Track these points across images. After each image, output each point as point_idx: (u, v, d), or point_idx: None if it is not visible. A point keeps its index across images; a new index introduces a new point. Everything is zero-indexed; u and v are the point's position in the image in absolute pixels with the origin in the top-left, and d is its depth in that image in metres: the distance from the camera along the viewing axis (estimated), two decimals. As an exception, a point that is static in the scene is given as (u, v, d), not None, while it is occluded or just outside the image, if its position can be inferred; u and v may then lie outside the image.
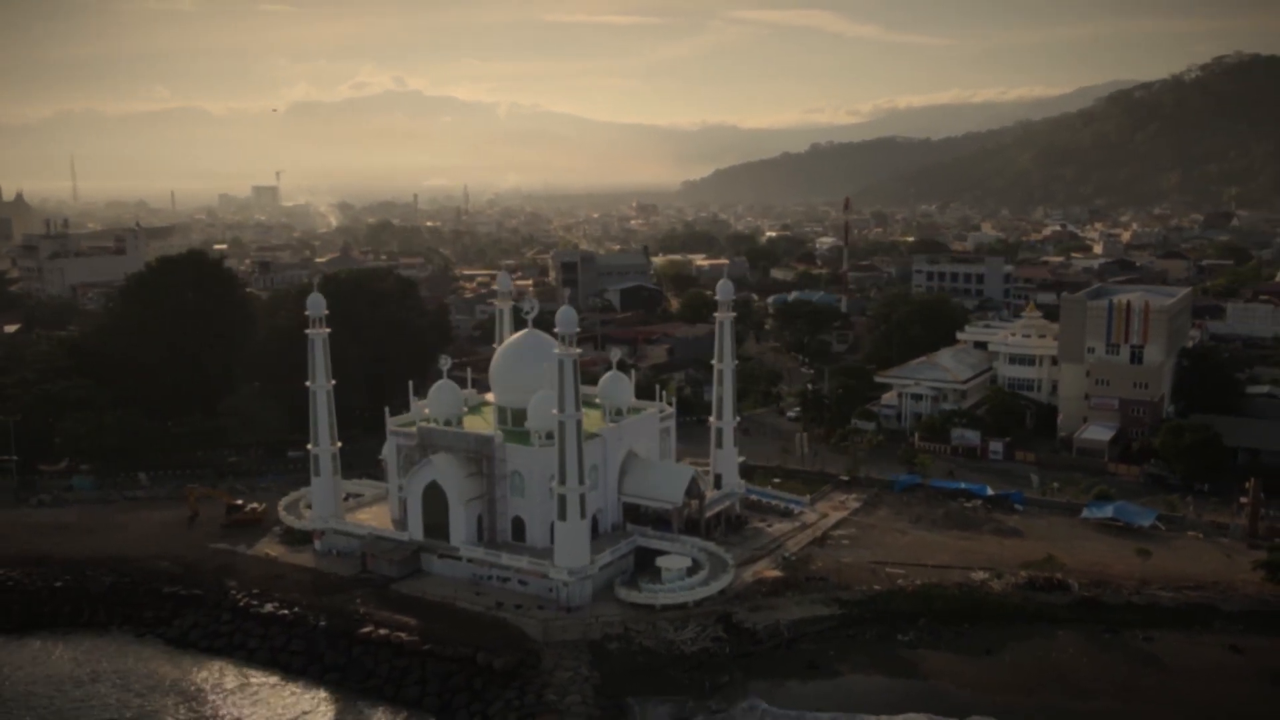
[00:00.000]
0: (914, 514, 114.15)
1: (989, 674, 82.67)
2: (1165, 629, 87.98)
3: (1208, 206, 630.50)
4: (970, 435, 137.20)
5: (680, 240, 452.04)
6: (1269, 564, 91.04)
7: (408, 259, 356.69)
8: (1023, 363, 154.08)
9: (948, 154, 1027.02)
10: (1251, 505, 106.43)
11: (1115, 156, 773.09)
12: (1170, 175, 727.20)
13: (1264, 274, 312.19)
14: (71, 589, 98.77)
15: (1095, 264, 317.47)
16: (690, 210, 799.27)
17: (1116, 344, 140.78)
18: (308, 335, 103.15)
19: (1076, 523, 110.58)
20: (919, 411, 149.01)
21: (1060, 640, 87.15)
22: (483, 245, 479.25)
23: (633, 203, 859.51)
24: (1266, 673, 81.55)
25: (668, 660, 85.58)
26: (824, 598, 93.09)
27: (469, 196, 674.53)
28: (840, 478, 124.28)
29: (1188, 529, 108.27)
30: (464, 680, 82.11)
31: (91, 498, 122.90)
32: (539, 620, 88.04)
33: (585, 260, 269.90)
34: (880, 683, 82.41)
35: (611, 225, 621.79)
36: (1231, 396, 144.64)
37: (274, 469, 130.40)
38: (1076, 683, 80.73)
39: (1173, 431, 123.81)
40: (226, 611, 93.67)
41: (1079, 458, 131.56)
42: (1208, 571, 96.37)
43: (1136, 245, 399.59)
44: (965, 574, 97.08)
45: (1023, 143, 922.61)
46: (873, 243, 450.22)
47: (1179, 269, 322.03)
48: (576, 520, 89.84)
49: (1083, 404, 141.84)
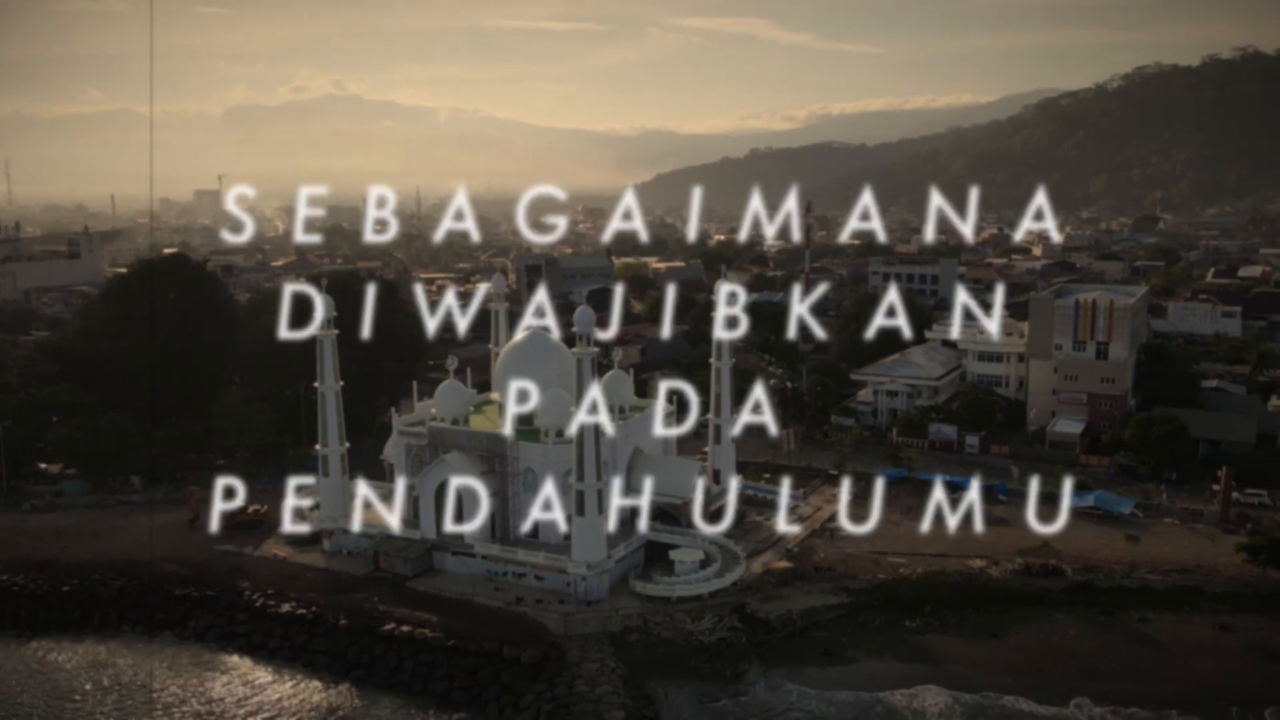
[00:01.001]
0: (904, 505, 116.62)
1: (997, 656, 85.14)
2: (1157, 610, 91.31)
3: (1132, 210, 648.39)
4: (947, 430, 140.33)
5: (633, 243, 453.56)
6: (1250, 547, 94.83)
7: (365, 263, 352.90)
8: (991, 359, 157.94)
9: (883, 159, 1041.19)
10: (1224, 492, 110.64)
11: (1045, 162, 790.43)
12: (1097, 180, 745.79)
13: (1195, 274, 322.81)
14: (80, 593, 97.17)
15: (1037, 265, 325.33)
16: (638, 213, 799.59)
17: (1083, 341, 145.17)
18: (316, 337, 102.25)
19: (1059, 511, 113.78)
20: (894, 408, 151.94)
21: (1060, 623, 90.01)
22: (436, 249, 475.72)
23: (579, 206, 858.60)
24: (1256, 649, 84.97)
25: (687, 650, 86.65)
26: (832, 587, 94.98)
27: (421, 201, 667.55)
28: (830, 472, 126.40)
29: (1164, 516, 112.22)
30: (491, 674, 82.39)
31: (84, 502, 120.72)
32: (560, 614, 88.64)
33: (549, 263, 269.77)
34: (894, 667, 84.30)
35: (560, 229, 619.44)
36: (1188, 390, 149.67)
37: (268, 471, 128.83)
38: (1081, 663, 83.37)
39: (1142, 424, 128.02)
40: (242, 612, 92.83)
41: (1052, 450, 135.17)
42: (1190, 556, 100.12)
43: (1071, 247, 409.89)
44: (962, 562, 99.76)
45: (956, 148, 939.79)
46: (821, 245, 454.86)
47: (1116, 270, 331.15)
48: (595, 515, 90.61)
49: (1051, 398, 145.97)
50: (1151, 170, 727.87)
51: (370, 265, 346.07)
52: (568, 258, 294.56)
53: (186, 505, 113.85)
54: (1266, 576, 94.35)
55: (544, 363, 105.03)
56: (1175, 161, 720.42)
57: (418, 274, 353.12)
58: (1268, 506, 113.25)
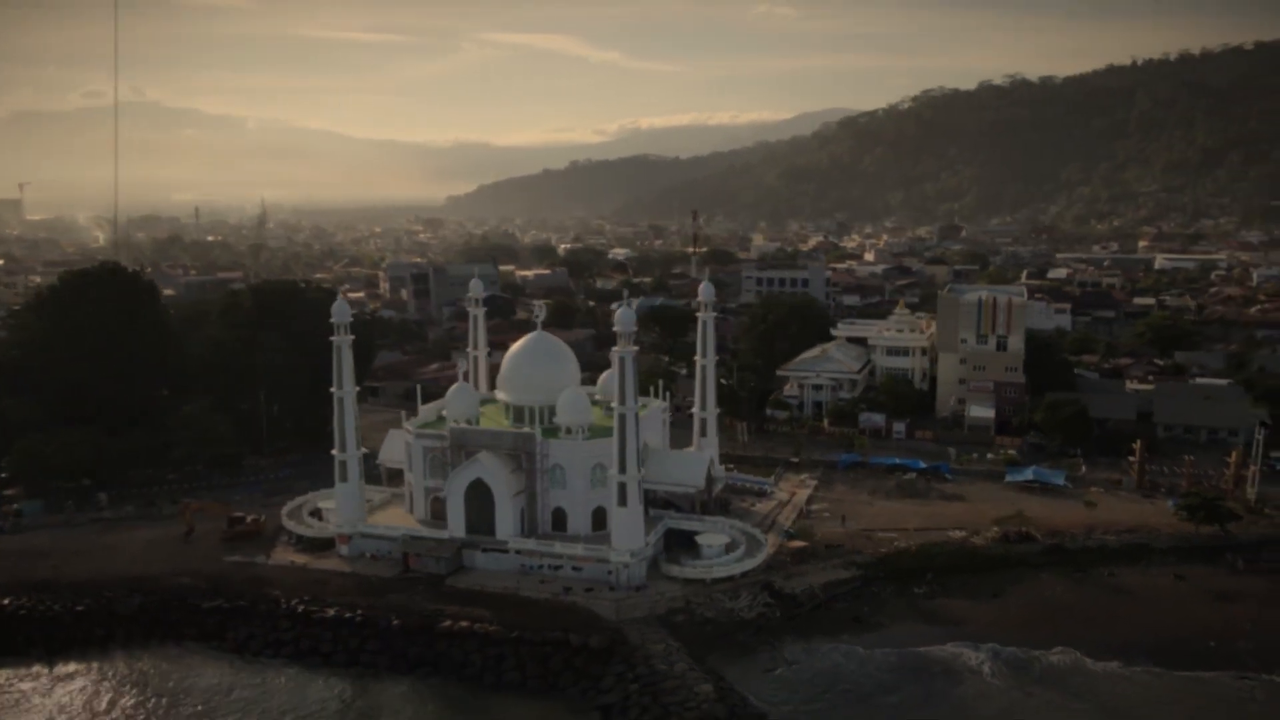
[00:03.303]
0: (868, 487, 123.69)
1: (1004, 614, 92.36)
2: (1119, 565, 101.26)
3: (928, 220, 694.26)
4: (876, 418, 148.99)
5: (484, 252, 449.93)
6: (1187, 507, 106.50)
7: (226, 273, 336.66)
8: (898, 354, 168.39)
9: (697, 171, 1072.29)
10: (1139, 463, 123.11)
11: (848, 176, 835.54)
12: (895, 193, 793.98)
13: (1009, 276, 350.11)
14: (97, 611, 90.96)
15: (879, 269, 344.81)
16: (470, 223, 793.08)
17: (985, 335, 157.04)
18: (332, 342, 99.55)
19: (1001, 486, 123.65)
20: (819, 400, 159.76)
21: (1045, 582, 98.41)
22: (283, 259, 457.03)
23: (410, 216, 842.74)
24: (1209, 594, 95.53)
25: (730, 627, 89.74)
26: (843, 562, 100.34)
27: (265, 209, 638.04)
28: (791, 460, 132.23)
29: (1089, 485, 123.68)
30: (562, 661, 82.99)
31: (50, 522, 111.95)
32: (611, 601, 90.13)
33: (437, 271, 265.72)
34: (919, 629, 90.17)
35: (401, 239, 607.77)
36: (1067, 376, 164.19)
37: (244, 481, 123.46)
38: (1077, 615, 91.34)
39: (1051, 407, 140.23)
40: (284, 619, 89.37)
41: (970, 433, 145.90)
42: (1131, 518, 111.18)
43: (895, 253, 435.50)
44: (944, 534, 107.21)
45: (768, 162, 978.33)
46: (663, 253, 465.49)
47: (943, 273, 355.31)
48: (635, 505, 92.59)
49: (958, 387, 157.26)
50: (942, 184, 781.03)
51: (232, 275, 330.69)
52: (455, 265, 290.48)
53: (180, 518, 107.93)
54: (1199, 532, 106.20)
55: (550, 363, 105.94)
56: (963, 176, 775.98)
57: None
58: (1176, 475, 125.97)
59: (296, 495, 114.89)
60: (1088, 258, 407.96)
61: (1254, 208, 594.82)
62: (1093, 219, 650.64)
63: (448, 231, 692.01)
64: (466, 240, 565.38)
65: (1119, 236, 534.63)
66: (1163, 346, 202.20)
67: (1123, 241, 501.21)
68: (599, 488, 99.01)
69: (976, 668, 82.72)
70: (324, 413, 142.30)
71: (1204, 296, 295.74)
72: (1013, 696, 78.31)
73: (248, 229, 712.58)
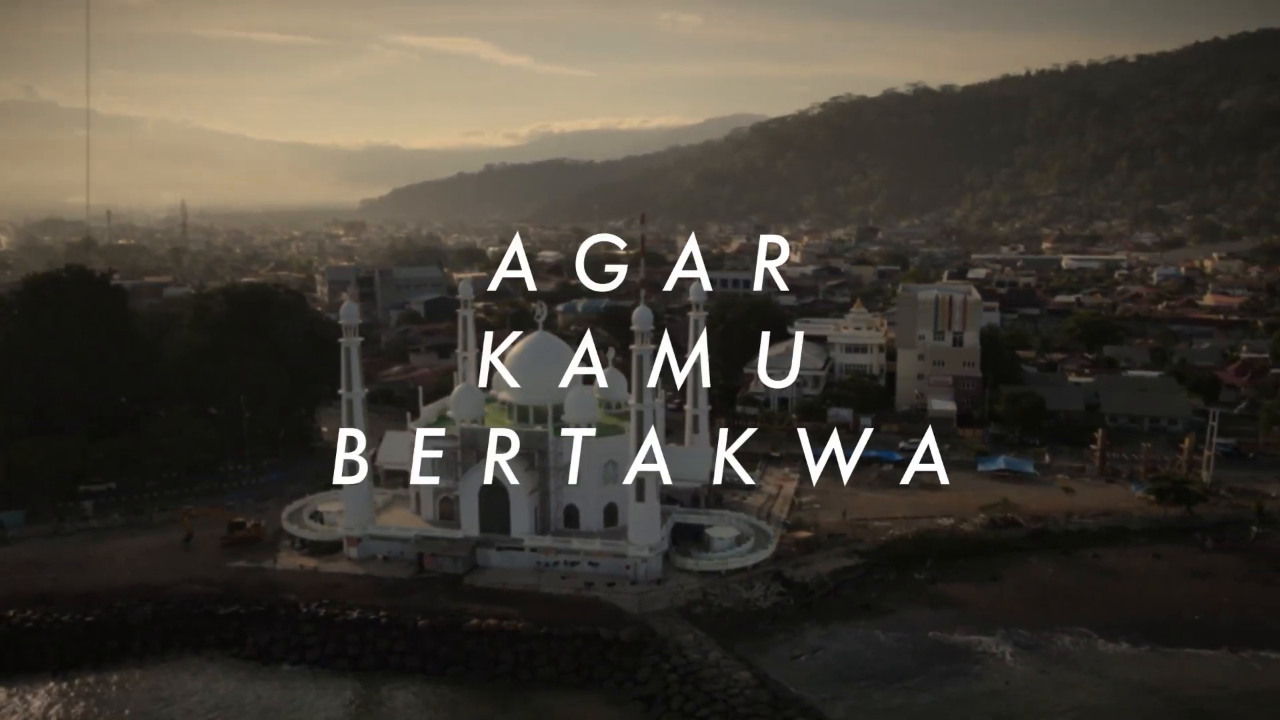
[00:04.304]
0: (851, 479, 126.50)
1: (1005, 596, 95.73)
2: (1100, 547, 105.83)
3: (839, 222, 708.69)
4: (844, 413, 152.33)
5: (413, 255, 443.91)
6: (1156, 490, 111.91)
7: (154, 277, 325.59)
8: (857, 351, 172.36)
9: (612, 175, 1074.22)
10: (1100, 451, 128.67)
11: (762, 179, 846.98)
12: (808, 196, 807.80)
13: (930, 276, 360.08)
14: (109, 621, 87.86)
15: (809, 270, 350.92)
16: (390, 226, 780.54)
17: (942, 332, 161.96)
18: (341, 344, 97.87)
19: (974, 475, 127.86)
20: (784, 397, 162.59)
21: (1035, 565, 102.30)
22: (206, 263, 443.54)
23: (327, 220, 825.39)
24: (1187, 571, 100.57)
25: (748, 616, 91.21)
26: (845, 551, 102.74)
27: (185, 212, 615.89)
28: (771, 454, 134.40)
29: (1055, 473, 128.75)
30: (595, 655, 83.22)
31: (35, 533, 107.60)
32: (633, 594, 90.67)
33: (383, 274, 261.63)
34: (928, 613, 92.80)
35: (324, 242, 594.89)
36: (1015, 371, 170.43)
37: (231, 486, 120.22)
38: (1071, 596, 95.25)
39: (1011, 399, 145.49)
40: (305, 623, 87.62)
41: (934, 425, 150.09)
42: (1103, 503, 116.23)
43: (819, 254, 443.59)
44: (933, 521, 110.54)
45: (683, 165, 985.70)
46: (592, 256, 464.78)
47: (869, 273, 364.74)
48: (654, 500, 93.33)
49: (917, 382, 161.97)
50: (853, 187, 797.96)
51: (161, 279, 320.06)
52: (401, 269, 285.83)
53: (181, 524, 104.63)
54: (1167, 513, 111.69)
55: (555, 363, 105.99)
56: (872, 180, 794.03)
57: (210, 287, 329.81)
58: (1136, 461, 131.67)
59: (287, 500, 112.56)
60: (1001, 258, 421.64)
61: (1142, 211, 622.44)
62: (995, 221, 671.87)
63: (370, 235, 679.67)
64: (391, 244, 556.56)
65: (1022, 238, 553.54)
66: (1090, 342, 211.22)
67: (1027, 243, 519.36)
68: (610, 484, 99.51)
69: (994, 652, 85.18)
70: (301, 416, 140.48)
71: (1113, 294, 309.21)
72: (1032, 678, 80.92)
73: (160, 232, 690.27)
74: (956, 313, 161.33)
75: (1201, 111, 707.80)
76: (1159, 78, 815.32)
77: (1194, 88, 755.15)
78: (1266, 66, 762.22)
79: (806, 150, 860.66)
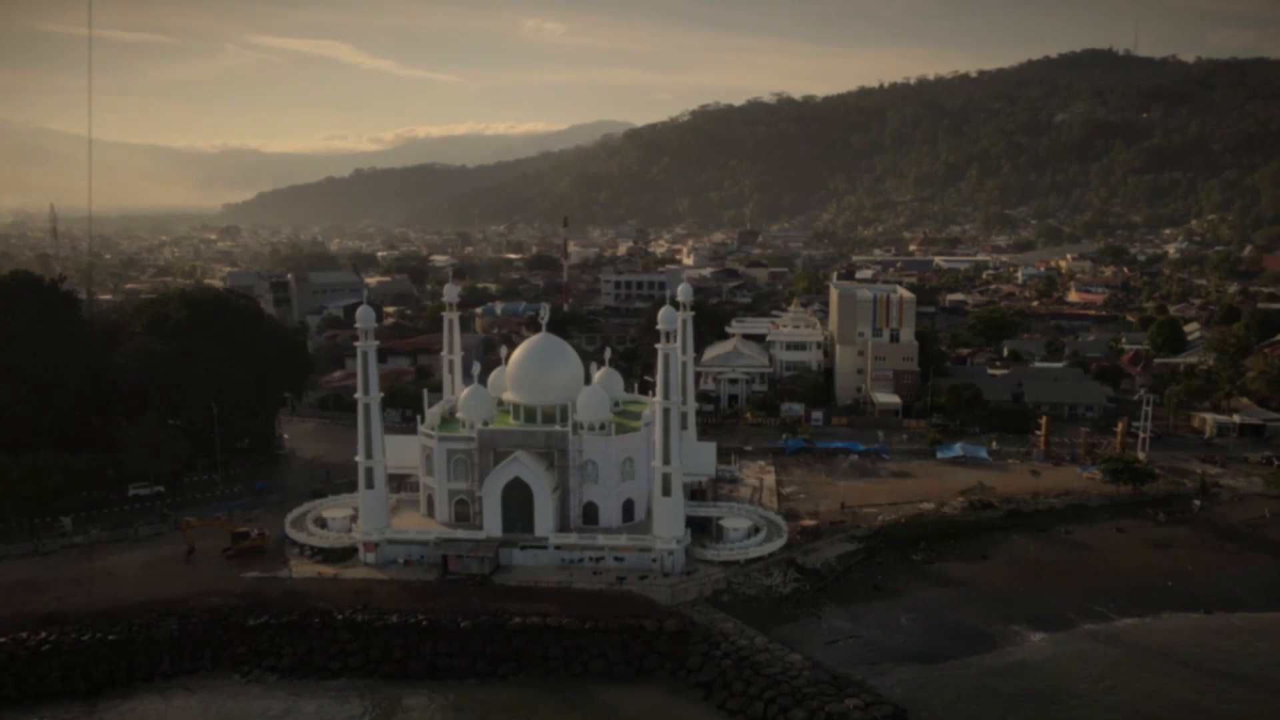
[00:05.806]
0: (822, 469, 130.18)
1: (999, 573, 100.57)
2: (1069, 523, 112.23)
3: (714, 226, 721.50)
4: (795, 408, 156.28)
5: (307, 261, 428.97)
6: (1110, 470, 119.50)
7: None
8: (797, 349, 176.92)
9: (484, 180, 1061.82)
10: (1045, 437, 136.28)
11: (638, 184, 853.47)
12: (683, 200, 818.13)
13: (820, 275, 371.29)
14: (132, 640, 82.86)
15: (707, 272, 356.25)
16: (265, 231, 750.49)
17: (880, 329, 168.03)
18: (357, 347, 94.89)
19: (935, 462, 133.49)
20: (733, 394, 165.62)
21: (1018, 542, 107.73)
22: (80, 269, 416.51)
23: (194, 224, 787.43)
24: (1149, 542, 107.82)
25: (771, 603, 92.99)
26: (846, 537, 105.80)
27: (56, 215, 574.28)
28: (744, 448, 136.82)
29: (1006, 458, 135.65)
30: (642, 647, 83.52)
31: (14, 552, 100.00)
32: (666, 586, 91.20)
33: (300, 279, 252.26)
34: (934, 592, 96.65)
35: (199, 247, 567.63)
36: (943, 365, 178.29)
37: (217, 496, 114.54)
38: (1057, 569, 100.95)
39: (953, 390, 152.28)
40: (343, 631, 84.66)
41: (880, 417, 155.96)
42: (1060, 483, 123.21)
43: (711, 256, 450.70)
44: (915, 506, 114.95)
45: (558, 170, 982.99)
46: (490, 259, 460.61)
47: (763, 275, 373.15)
48: (678, 494, 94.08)
49: (856, 377, 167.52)
50: (725, 192, 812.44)
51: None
52: (318, 274, 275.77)
53: (175, 537, 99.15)
54: (1119, 491, 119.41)
55: (559, 364, 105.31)
56: (743, 185, 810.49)
57: (98, 295, 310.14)
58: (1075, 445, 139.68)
59: (274, 508, 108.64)
60: (879, 259, 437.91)
61: (992, 215, 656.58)
62: (859, 225, 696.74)
63: (246, 239, 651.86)
64: (272, 249, 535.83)
65: (889, 241, 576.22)
66: (990, 337, 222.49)
67: (895, 245, 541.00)
68: (628, 480, 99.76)
69: (1009, 629, 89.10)
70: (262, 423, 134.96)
71: (988, 293, 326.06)
72: (1050, 649, 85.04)
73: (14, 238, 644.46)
74: (894, 311, 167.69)
75: (1039, 124, 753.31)
76: (999, 92, 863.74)
77: (1031, 102, 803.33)
78: (1093, 83, 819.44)
79: (679, 156, 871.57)
